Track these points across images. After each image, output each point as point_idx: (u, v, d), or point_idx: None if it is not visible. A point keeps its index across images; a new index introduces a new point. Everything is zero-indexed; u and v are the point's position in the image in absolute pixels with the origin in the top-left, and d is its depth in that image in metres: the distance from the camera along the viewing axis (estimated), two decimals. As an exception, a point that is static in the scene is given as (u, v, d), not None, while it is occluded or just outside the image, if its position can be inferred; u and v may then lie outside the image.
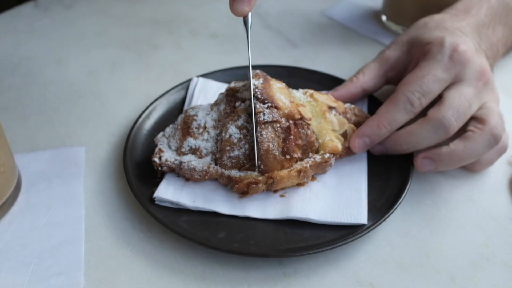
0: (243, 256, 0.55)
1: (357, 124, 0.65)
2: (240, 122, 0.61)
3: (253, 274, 0.55)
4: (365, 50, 0.86)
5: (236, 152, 0.59)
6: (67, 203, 0.62)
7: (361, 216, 0.57)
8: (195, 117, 0.63)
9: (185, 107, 0.71)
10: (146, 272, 0.55)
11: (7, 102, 0.76)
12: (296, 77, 0.76)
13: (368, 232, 0.56)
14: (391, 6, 0.90)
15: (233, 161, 0.59)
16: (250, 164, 0.59)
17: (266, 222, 0.58)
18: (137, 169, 0.62)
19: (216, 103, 0.65)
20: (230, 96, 0.64)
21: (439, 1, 0.79)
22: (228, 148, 0.59)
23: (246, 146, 0.59)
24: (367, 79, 0.69)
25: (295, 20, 0.94)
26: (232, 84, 0.66)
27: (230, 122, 0.61)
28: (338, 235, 0.55)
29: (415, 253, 0.57)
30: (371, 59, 0.71)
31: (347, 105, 0.67)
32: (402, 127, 0.62)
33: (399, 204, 0.58)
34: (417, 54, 0.66)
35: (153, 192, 0.59)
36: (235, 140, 0.60)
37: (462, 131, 0.61)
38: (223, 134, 0.60)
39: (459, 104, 0.60)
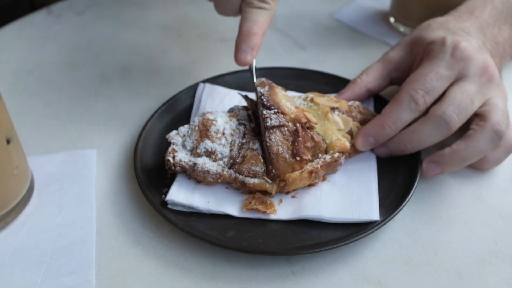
0: (251, 254, 0.56)
1: (363, 122, 0.65)
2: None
3: (262, 272, 0.55)
4: (373, 51, 0.87)
5: (258, 168, 0.60)
6: (79, 204, 0.63)
7: (373, 212, 0.57)
8: (214, 122, 0.63)
9: (193, 113, 0.72)
10: (156, 271, 0.56)
11: (21, 106, 0.78)
12: (304, 79, 0.77)
13: (376, 230, 0.56)
14: (398, 8, 0.90)
15: (251, 173, 0.60)
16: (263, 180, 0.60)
17: (275, 222, 0.58)
18: (147, 171, 0.63)
19: (236, 115, 0.66)
20: (252, 113, 0.66)
21: (446, 2, 0.79)
22: (253, 161, 0.60)
23: (264, 165, 0.60)
24: (371, 79, 0.69)
25: (303, 23, 0.95)
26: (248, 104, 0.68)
27: (257, 140, 0.62)
28: (346, 233, 0.56)
29: (422, 251, 0.57)
30: (375, 61, 0.72)
31: (351, 102, 0.67)
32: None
33: (406, 202, 0.58)
34: (420, 54, 0.66)
35: (163, 193, 0.60)
36: (260, 154, 0.60)
37: (466, 130, 0.61)
38: (250, 144, 0.61)
39: (460, 100, 0.60)
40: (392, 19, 0.92)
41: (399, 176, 0.62)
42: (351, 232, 0.56)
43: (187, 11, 0.98)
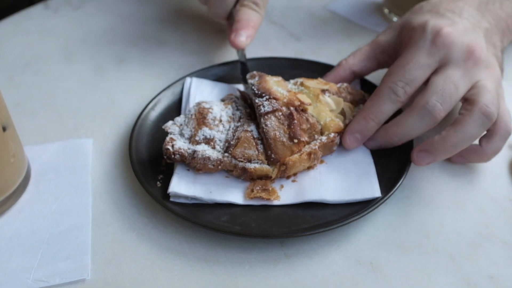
0: (245, 237, 0.57)
1: (353, 102, 0.66)
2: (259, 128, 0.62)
3: (255, 255, 0.56)
4: (368, 42, 0.87)
5: (251, 151, 0.60)
6: (75, 191, 0.63)
7: (373, 190, 0.58)
8: (210, 110, 0.64)
9: (183, 107, 0.72)
10: (151, 255, 0.57)
11: (18, 98, 0.78)
12: (299, 69, 0.77)
13: (369, 213, 0.57)
14: (392, -1, 0.91)
15: (245, 155, 0.60)
16: (261, 162, 0.61)
17: (268, 207, 0.59)
18: (142, 159, 0.64)
19: (233, 102, 0.66)
20: (248, 102, 0.67)
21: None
22: (246, 144, 0.60)
23: (260, 147, 0.61)
24: (356, 62, 0.69)
25: (298, 14, 0.95)
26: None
27: (253, 123, 0.62)
28: (339, 217, 0.56)
29: (414, 234, 0.58)
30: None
31: (339, 84, 0.68)
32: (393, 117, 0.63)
33: (398, 186, 0.59)
34: (405, 39, 0.65)
35: (158, 180, 0.61)
36: (255, 136, 0.61)
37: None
38: (245, 126, 0.62)
39: (443, 88, 0.59)
40: (386, 10, 0.93)
41: (392, 161, 0.62)
42: (344, 215, 0.56)
43: (183, 5, 0.99)
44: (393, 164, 0.62)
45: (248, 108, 0.66)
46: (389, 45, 0.68)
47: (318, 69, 0.77)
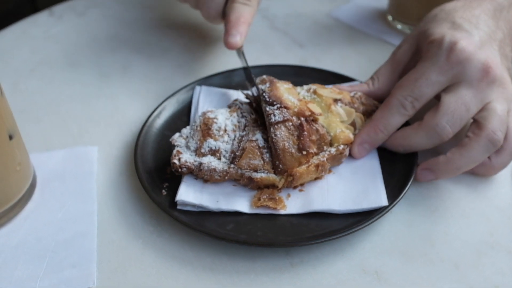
0: (250, 246, 0.57)
1: (365, 113, 0.66)
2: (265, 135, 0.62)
3: (261, 264, 0.56)
4: (372, 49, 0.87)
5: (257, 162, 0.60)
6: (80, 199, 0.63)
7: (380, 199, 0.58)
8: (215, 120, 0.64)
9: (192, 115, 0.72)
10: (156, 263, 0.57)
11: (23, 104, 0.79)
12: (302, 76, 0.77)
13: (374, 221, 0.57)
14: (396, 6, 0.91)
15: (251, 166, 0.60)
16: (267, 171, 0.61)
17: (273, 216, 0.59)
18: (148, 166, 0.64)
19: (238, 108, 0.66)
20: (253, 106, 0.67)
21: (443, -1, 0.80)
22: (250, 155, 0.60)
23: (266, 156, 0.61)
24: (381, 86, 0.68)
25: (301, 21, 0.96)
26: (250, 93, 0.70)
27: (258, 131, 0.62)
28: (344, 225, 0.56)
29: (419, 243, 0.58)
30: (385, 61, 0.70)
31: (353, 93, 0.68)
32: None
33: (404, 194, 0.59)
34: (424, 51, 0.63)
35: (164, 188, 0.61)
36: (260, 145, 0.61)
37: (464, 134, 0.61)
38: (250, 136, 0.62)
39: (454, 109, 0.58)
40: (390, 17, 0.93)
41: (397, 169, 0.62)
42: (349, 224, 0.57)
43: (187, 12, 0.99)
44: (398, 172, 0.62)
45: (254, 114, 0.66)
46: (410, 64, 0.67)
47: (321, 76, 0.77)
